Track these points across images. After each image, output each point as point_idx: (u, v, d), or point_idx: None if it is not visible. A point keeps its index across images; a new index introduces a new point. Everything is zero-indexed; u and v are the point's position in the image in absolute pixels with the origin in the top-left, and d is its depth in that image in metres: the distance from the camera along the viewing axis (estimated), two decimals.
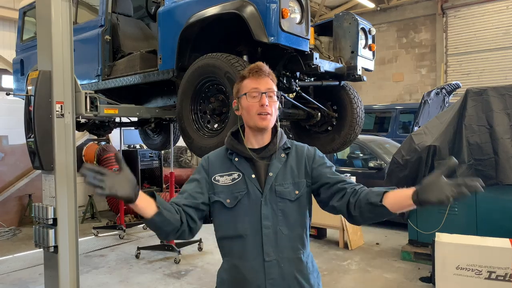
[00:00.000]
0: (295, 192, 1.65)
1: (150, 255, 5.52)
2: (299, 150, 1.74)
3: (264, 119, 1.64)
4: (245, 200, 1.62)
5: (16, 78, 5.65)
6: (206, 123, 3.29)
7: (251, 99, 1.65)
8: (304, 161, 1.71)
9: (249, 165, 1.67)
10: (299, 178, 1.68)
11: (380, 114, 9.75)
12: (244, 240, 1.61)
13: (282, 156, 1.70)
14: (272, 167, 1.66)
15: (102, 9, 4.33)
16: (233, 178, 1.65)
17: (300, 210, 1.66)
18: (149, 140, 6.36)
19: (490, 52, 11.18)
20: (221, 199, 1.64)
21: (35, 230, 3.19)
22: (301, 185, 1.67)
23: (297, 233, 1.65)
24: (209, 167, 1.70)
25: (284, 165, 1.68)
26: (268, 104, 1.64)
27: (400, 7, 12.54)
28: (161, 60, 3.58)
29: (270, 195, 1.62)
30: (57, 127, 3.09)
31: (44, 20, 3.12)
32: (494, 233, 3.96)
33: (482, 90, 4.57)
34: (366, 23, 3.84)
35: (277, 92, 1.70)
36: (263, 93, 1.64)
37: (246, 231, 1.61)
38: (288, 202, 1.63)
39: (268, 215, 1.61)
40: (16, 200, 7.41)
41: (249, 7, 2.84)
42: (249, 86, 1.66)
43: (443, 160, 4.54)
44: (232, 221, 1.63)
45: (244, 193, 1.62)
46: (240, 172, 1.66)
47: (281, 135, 1.74)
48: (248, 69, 1.70)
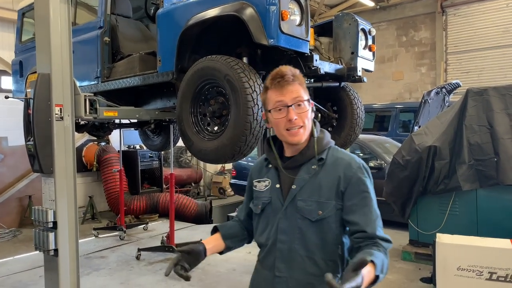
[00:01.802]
0: (318, 213, 1.47)
1: (150, 256, 5.51)
2: (338, 163, 1.52)
3: (295, 134, 1.49)
4: (269, 209, 1.58)
5: (15, 80, 5.64)
6: (206, 125, 3.28)
7: (277, 114, 1.49)
8: (338, 179, 1.49)
9: (276, 174, 1.59)
10: (326, 198, 1.48)
11: (380, 113, 9.74)
12: (265, 249, 1.59)
13: (313, 167, 1.52)
14: (298, 179, 1.52)
15: (101, 11, 4.31)
16: (265, 185, 1.62)
17: (322, 234, 1.48)
18: (149, 141, 6.35)
19: (490, 50, 11.17)
20: (252, 206, 1.67)
21: (35, 233, 3.18)
22: (327, 206, 1.48)
23: (316, 257, 1.48)
24: (252, 173, 1.72)
25: (313, 179, 1.51)
26: (297, 117, 1.47)
27: (399, 5, 12.52)
28: (161, 62, 3.57)
29: (291, 209, 1.51)
30: (57, 130, 3.07)
31: (43, 21, 3.11)
32: (495, 233, 3.95)
33: (483, 90, 4.56)
34: (366, 24, 3.83)
35: (308, 99, 1.51)
36: (289, 106, 1.47)
37: (267, 240, 1.58)
38: (308, 221, 1.48)
39: (286, 230, 1.52)
40: (16, 202, 7.40)
41: (249, 9, 2.83)
42: (273, 100, 1.50)
43: (444, 160, 4.55)
44: (260, 228, 1.63)
45: (268, 202, 1.58)
46: (270, 180, 1.61)
47: (318, 143, 1.55)
48: (270, 78, 1.53)
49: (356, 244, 1.45)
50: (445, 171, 4.57)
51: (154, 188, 8.94)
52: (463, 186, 4.44)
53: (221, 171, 10.79)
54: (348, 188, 1.48)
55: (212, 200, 9.29)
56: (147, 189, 8.75)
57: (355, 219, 1.45)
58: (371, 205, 1.48)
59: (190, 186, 10.31)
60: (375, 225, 1.45)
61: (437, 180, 4.63)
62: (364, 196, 1.47)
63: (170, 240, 5.42)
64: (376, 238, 1.43)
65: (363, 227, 1.44)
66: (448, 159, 4.56)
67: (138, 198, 7.92)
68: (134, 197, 7.95)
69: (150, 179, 9.13)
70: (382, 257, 1.37)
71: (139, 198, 7.93)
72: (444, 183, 4.59)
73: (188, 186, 10.27)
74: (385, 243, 1.45)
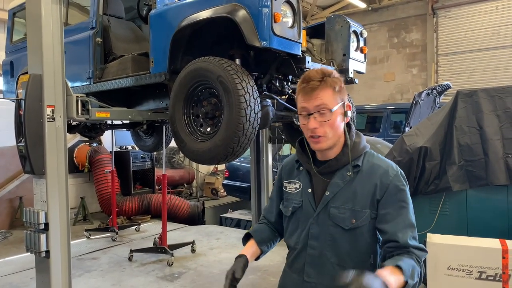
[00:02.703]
0: (351, 221, 1.44)
1: (143, 257, 5.50)
2: (375, 170, 1.47)
3: (317, 142, 1.46)
4: (300, 213, 1.56)
5: (5, 80, 5.59)
6: (199, 126, 3.28)
7: (302, 120, 1.48)
8: (374, 187, 1.45)
9: (309, 177, 1.55)
10: (360, 207, 1.45)
11: (372, 114, 9.80)
12: (295, 252, 1.57)
13: (348, 174, 1.48)
14: (331, 185, 1.48)
15: (93, 11, 4.30)
16: (296, 188, 1.58)
17: (354, 243, 1.45)
18: (141, 141, 6.33)
19: (480, 52, 11.31)
20: (283, 207, 1.65)
21: (26, 235, 3.16)
22: (361, 215, 1.44)
23: (347, 265, 1.43)
24: (282, 173, 1.69)
25: (348, 186, 1.47)
26: (317, 126, 1.44)
27: (391, 7, 12.62)
28: (153, 63, 3.56)
29: (324, 215, 1.48)
30: (48, 131, 3.07)
31: (35, 21, 3.10)
32: (484, 233, 4.00)
33: (472, 92, 4.61)
34: (357, 26, 3.87)
35: (336, 106, 1.44)
36: (310, 114, 1.44)
37: (296, 244, 1.56)
38: (340, 229, 1.45)
39: (317, 236, 1.49)
40: (6, 203, 7.33)
41: (241, 11, 2.84)
42: (299, 105, 1.48)
43: (434, 161, 4.59)
44: (290, 230, 1.61)
45: (299, 206, 1.56)
46: (301, 183, 1.57)
47: (353, 149, 1.50)
48: (300, 80, 1.49)
49: (389, 254, 1.43)
50: (436, 171, 4.61)
51: (146, 189, 8.91)
52: (453, 186, 4.49)
53: (213, 171, 10.79)
54: (384, 196, 1.45)
55: (204, 201, 9.29)
56: (139, 190, 8.71)
57: (388, 228, 1.43)
58: (406, 214, 1.45)
59: (183, 187, 10.30)
60: (407, 234, 1.42)
61: (427, 180, 4.67)
62: (400, 205, 1.45)
63: (162, 241, 5.41)
64: (409, 247, 1.40)
65: (395, 236, 1.41)
66: (439, 160, 4.60)
67: (130, 199, 7.89)
68: (126, 198, 7.91)
69: (142, 180, 9.09)
70: (412, 264, 1.35)
71: (131, 199, 7.90)
72: (435, 184, 4.64)
73: (181, 187, 10.25)
74: (419, 251, 1.42)
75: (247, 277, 4.46)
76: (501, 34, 10.96)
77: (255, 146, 6.01)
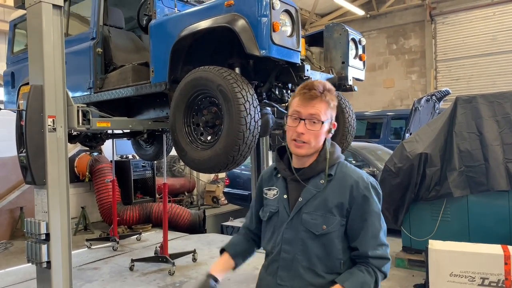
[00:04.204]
0: (322, 227, 1.50)
1: (144, 267, 5.47)
2: (347, 180, 1.53)
3: (299, 147, 1.52)
4: (276, 218, 1.62)
5: (6, 91, 5.62)
6: (199, 135, 3.29)
7: (291, 122, 1.53)
8: (344, 196, 1.51)
9: (285, 184, 1.62)
10: (331, 214, 1.51)
11: (372, 120, 9.82)
12: (272, 255, 1.62)
13: (321, 182, 1.54)
14: (305, 191, 1.55)
15: (93, 21, 4.33)
16: (274, 194, 1.65)
17: (325, 248, 1.51)
18: (141, 150, 6.34)
19: (478, 58, 11.36)
20: (261, 213, 1.70)
21: (27, 245, 3.16)
22: (332, 222, 1.50)
23: (317, 269, 1.51)
24: (262, 180, 1.74)
25: (321, 193, 1.53)
26: (304, 133, 1.49)
27: (389, 14, 12.71)
28: (153, 72, 3.59)
29: (297, 220, 1.54)
30: (49, 142, 3.07)
31: (36, 33, 3.12)
32: (486, 239, 3.99)
33: (472, 98, 4.64)
34: (356, 34, 3.90)
35: (327, 121, 1.52)
36: (302, 119, 1.49)
37: (272, 249, 1.62)
38: (312, 234, 1.51)
39: (290, 240, 1.55)
40: (7, 213, 7.32)
41: (241, 20, 2.87)
42: (293, 107, 1.53)
43: (435, 167, 4.60)
44: (267, 235, 1.67)
45: (275, 211, 1.62)
46: (278, 189, 1.64)
47: (329, 158, 1.55)
48: (301, 86, 1.56)
49: (355, 261, 1.54)
50: (436, 177, 4.62)
51: (147, 198, 8.89)
52: (454, 192, 4.49)
53: (214, 180, 10.77)
54: (354, 206, 1.51)
55: (205, 209, 9.25)
56: (140, 199, 8.70)
57: (354, 237, 1.51)
58: (372, 224, 1.51)
59: (184, 196, 10.27)
60: (369, 245, 1.49)
61: (428, 186, 4.67)
62: (366, 216, 1.50)
63: (163, 250, 5.39)
64: (369, 257, 1.49)
65: (358, 245, 1.50)
66: (439, 166, 4.61)
67: (131, 208, 7.87)
68: (127, 207, 7.90)
69: (143, 189, 9.08)
70: (362, 280, 1.46)
71: (132, 208, 7.88)
72: (436, 190, 4.64)
73: (182, 196, 10.23)
74: (378, 260, 1.50)
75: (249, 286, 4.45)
76: (499, 40, 11.02)
77: (256, 154, 6.02)
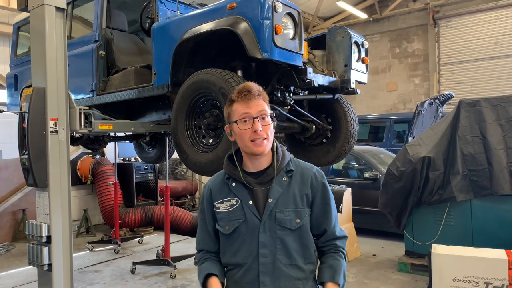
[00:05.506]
0: (296, 221, 1.56)
1: (145, 270, 5.46)
2: (305, 173, 1.63)
3: (260, 145, 1.55)
4: (243, 228, 1.58)
5: (10, 93, 5.64)
6: (201, 138, 3.29)
7: (243, 125, 1.55)
8: (307, 188, 1.62)
9: (247, 191, 1.60)
10: (302, 206, 1.59)
11: (375, 124, 9.79)
12: (243, 268, 1.58)
13: (284, 179, 1.60)
14: (272, 192, 1.57)
15: (96, 24, 4.35)
16: (232, 204, 1.60)
17: (301, 240, 1.58)
18: (144, 153, 6.34)
19: (482, 61, 11.32)
20: (220, 227, 1.62)
21: (28, 247, 3.15)
22: (304, 214, 1.59)
23: (298, 263, 1.57)
24: (210, 196, 1.67)
25: (287, 190, 1.59)
26: (261, 129, 1.55)
27: (392, 17, 12.70)
28: (156, 75, 3.59)
29: (270, 222, 1.56)
30: (51, 144, 3.07)
31: (39, 35, 3.12)
32: (490, 243, 3.97)
33: (475, 101, 4.61)
34: (358, 37, 3.89)
35: (271, 113, 1.60)
36: (254, 118, 1.55)
37: (245, 259, 1.57)
38: (288, 231, 1.56)
39: (266, 243, 1.55)
40: (9, 215, 7.33)
41: (243, 23, 2.87)
42: (240, 112, 1.56)
43: (438, 171, 4.58)
44: (232, 249, 1.61)
45: (242, 220, 1.58)
46: (237, 198, 1.60)
47: (283, 156, 1.63)
48: (237, 92, 1.60)
49: (321, 246, 1.66)
50: (439, 181, 4.59)
51: (149, 200, 8.89)
52: (458, 196, 4.46)
53: None
54: (317, 196, 1.63)
55: None
56: (142, 202, 8.69)
57: (321, 223, 1.63)
58: (333, 208, 1.67)
59: (186, 198, 10.26)
60: (336, 227, 1.66)
61: (431, 190, 4.65)
62: (328, 201, 1.65)
63: (165, 253, 5.38)
64: (336, 239, 1.65)
65: (326, 228, 1.64)
66: (442, 170, 4.59)
67: (133, 211, 7.87)
68: (129, 210, 7.89)
69: (145, 192, 9.08)
70: (342, 267, 1.61)
71: (134, 211, 7.88)
72: (439, 194, 4.61)
73: (184, 198, 10.22)
74: (342, 240, 1.67)
75: None
76: (503, 44, 10.98)
77: None
